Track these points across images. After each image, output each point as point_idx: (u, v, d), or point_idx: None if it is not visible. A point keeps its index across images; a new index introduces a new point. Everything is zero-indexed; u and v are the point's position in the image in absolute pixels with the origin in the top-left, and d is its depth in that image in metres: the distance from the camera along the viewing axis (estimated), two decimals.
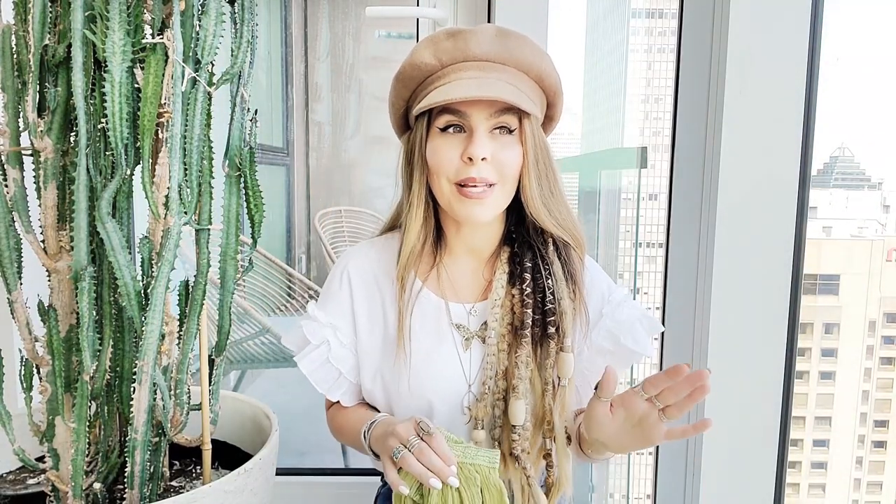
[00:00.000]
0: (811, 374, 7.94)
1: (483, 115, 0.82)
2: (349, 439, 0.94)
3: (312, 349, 0.92)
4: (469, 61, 0.83)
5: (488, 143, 0.82)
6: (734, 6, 1.19)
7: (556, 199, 0.88)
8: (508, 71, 0.84)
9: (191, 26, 0.76)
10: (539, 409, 0.87)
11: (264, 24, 3.14)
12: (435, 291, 0.92)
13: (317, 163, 3.62)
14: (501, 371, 0.87)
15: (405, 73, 0.86)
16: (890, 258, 6.81)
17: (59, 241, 0.80)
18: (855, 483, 8.64)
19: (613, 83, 2.63)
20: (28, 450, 0.84)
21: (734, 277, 1.24)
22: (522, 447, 0.84)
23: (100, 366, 0.80)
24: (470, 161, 0.82)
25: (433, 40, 0.85)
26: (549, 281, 0.87)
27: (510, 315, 0.88)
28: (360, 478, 1.66)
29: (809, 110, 1.21)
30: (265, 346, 1.92)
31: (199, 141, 0.78)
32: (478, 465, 0.76)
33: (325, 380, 0.93)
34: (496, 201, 0.85)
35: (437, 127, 0.84)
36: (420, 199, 0.87)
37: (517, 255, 0.90)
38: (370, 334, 0.93)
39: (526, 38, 0.85)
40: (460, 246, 0.92)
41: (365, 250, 0.96)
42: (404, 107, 0.91)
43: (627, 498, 2.01)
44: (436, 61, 0.84)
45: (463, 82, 0.81)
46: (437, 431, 0.74)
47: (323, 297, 0.96)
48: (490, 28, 0.84)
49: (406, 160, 0.90)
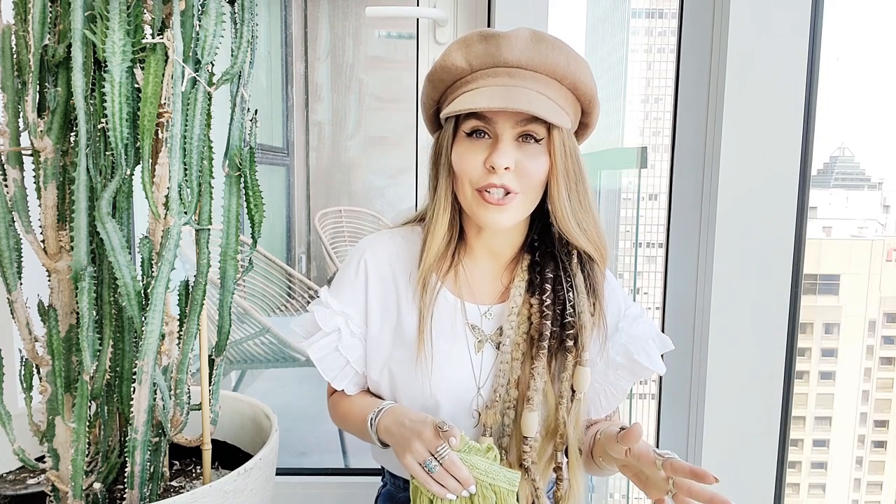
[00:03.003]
0: (811, 374, 7.94)
1: (509, 122, 0.81)
2: (352, 426, 0.94)
3: (322, 336, 0.91)
4: (500, 67, 0.82)
5: (513, 151, 0.82)
6: (734, 6, 1.19)
7: (586, 210, 0.86)
8: (540, 79, 0.82)
9: (191, 26, 0.76)
10: (551, 422, 0.86)
11: (264, 24, 3.15)
12: (452, 290, 0.91)
13: (317, 163, 3.61)
14: (514, 380, 0.86)
15: (435, 74, 0.86)
16: (890, 258, 6.82)
17: (59, 241, 0.80)
18: (855, 483, 8.66)
19: (614, 83, 2.63)
20: (28, 450, 0.84)
21: (734, 277, 1.24)
22: (532, 458, 0.84)
23: (100, 366, 0.80)
24: (492, 169, 0.81)
25: (466, 42, 0.84)
26: (570, 294, 0.86)
27: (527, 324, 0.87)
28: (360, 478, 1.66)
29: (809, 110, 1.21)
30: (265, 346, 1.92)
31: (199, 141, 0.78)
32: (496, 486, 0.76)
33: (332, 367, 0.92)
34: (517, 209, 0.84)
35: (464, 131, 0.84)
36: (446, 202, 0.87)
37: (538, 263, 0.89)
38: (381, 327, 0.92)
39: (562, 44, 0.83)
40: (481, 248, 0.92)
41: (384, 241, 0.95)
42: (435, 107, 0.91)
43: (627, 498, 2.01)
44: (466, 64, 0.83)
45: (490, 90, 0.80)
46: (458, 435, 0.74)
47: (337, 283, 0.95)
48: (525, 33, 0.82)
49: (433, 161, 0.90)
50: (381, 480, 1.07)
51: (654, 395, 1.43)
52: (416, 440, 0.76)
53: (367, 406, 0.89)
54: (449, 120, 0.86)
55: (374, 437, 0.86)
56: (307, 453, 2.05)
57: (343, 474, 1.74)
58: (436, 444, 0.74)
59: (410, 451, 0.76)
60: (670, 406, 1.37)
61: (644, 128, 2.44)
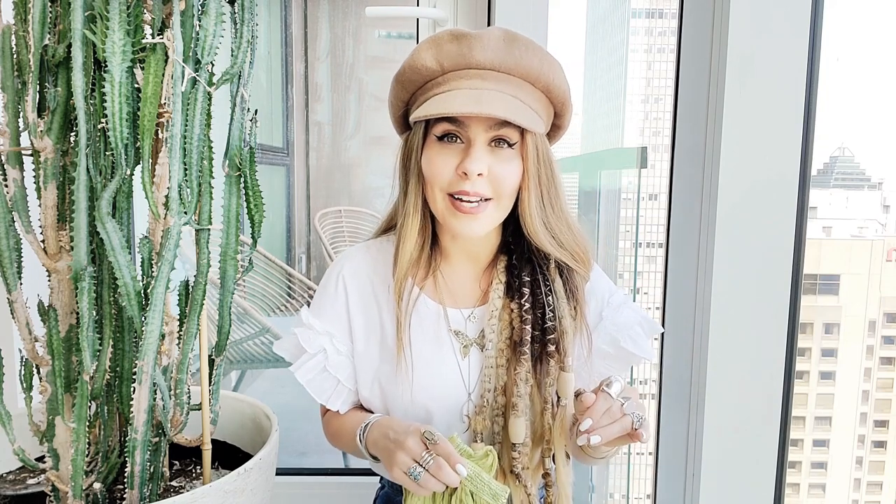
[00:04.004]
0: (811, 374, 7.94)
1: (482, 126, 0.79)
2: (345, 444, 0.92)
3: (309, 358, 0.89)
4: (472, 69, 0.79)
5: (485, 156, 0.79)
6: (734, 6, 1.19)
7: (558, 215, 0.85)
8: (513, 81, 0.80)
9: (191, 26, 0.76)
10: (538, 427, 0.85)
11: (264, 24, 3.14)
12: (432, 297, 0.90)
13: (317, 163, 3.61)
14: (500, 386, 0.85)
15: (405, 74, 0.83)
16: (890, 258, 6.82)
17: (59, 241, 0.80)
18: (855, 483, 8.67)
19: (614, 83, 2.63)
20: (28, 450, 0.84)
21: (734, 277, 1.24)
22: (523, 464, 0.83)
23: (100, 366, 0.80)
24: (465, 175, 0.79)
25: (436, 42, 0.81)
26: (549, 298, 0.84)
27: (509, 329, 0.86)
28: (360, 478, 1.66)
29: (809, 110, 1.21)
30: (265, 346, 1.92)
31: (199, 141, 0.78)
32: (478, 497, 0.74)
33: (323, 389, 0.91)
34: (490, 216, 0.82)
35: (435, 135, 0.82)
36: (416, 208, 0.85)
37: (515, 266, 0.88)
38: (366, 341, 0.91)
39: (534, 46, 0.81)
40: (457, 252, 0.90)
41: (360, 254, 0.94)
42: (403, 108, 0.88)
43: (627, 498, 2.01)
44: (437, 65, 0.80)
45: (462, 93, 0.78)
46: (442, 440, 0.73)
47: (317, 302, 0.93)
48: (497, 33, 0.80)
49: (402, 164, 0.87)
50: (380, 482, 1.07)
51: (654, 395, 1.43)
52: (399, 452, 0.74)
53: (356, 422, 0.88)
54: (418, 123, 0.83)
55: (364, 452, 0.85)
56: (307, 453, 2.05)
57: (342, 474, 1.74)
58: (420, 453, 0.73)
59: (396, 464, 0.74)
60: (670, 406, 1.37)
61: (644, 128, 2.44)
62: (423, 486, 0.73)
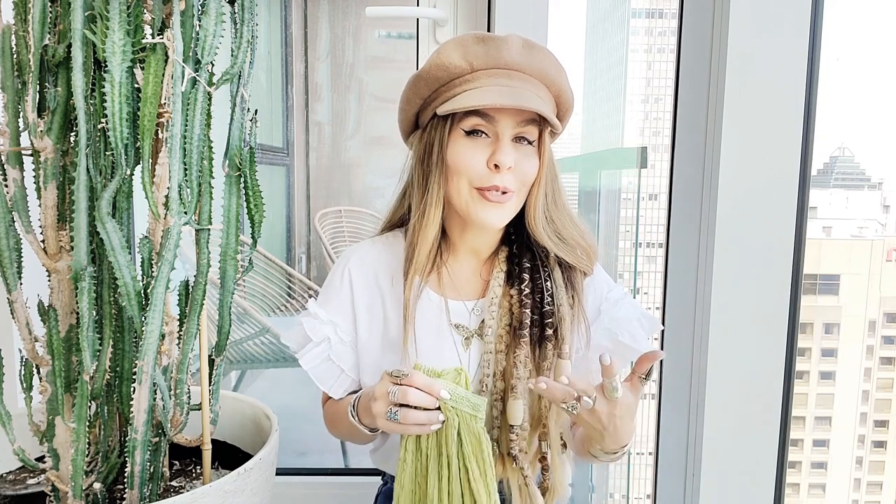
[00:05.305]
0: (811, 374, 7.94)
1: (510, 122, 0.83)
2: (342, 427, 0.94)
3: (313, 346, 0.92)
4: (500, 68, 0.84)
5: (512, 151, 0.83)
6: (734, 6, 1.19)
7: (561, 210, 0.89)
8: (533, 82, 0.85)
9: (191, 26, 0.76)
10: (535, 411, 0.88)
11: (264, 24, 3.14)
12: (435, 290, 0.92)
13: (317, 163, 3.61)
14: (500, 372, 0.87)
15: (430, 72, 0.86)
16: (890, 258, 6.82)
17: (59, 241, 0.80)
18: (855, 483, 8.67)
19: (613, 83, 2.63)
20: (28, 450, 0.84)
21: (734, 277, 1.24)
22: (520, 447, 0.85)
23: (100, 366, 0.80)
24: (496, 168, 0.83)
25: (461, 43, 0.84)
26: (548, 283, 0.88)
27: (508, 316, 0.89)
28: (360, 478, 1.66)
29: (809, 110, 1.21)
30: (265, 346, 1.92)
31: (199, 141, 0.78)
32: (459, 410, 0.77)
33: (326, 377, 0.93)
34: (511, 208, 0.86)
35: (462, 129, 0.85)
36: (439, 202, 0.87)
37: (515, 255, 0.91)
38: (370, 332, 0.93)
39: (549, 52, 0.86)
40: (463, 246, 0.93)
41: (367, 249, 0.97)
42: (419, 105, 0.90)
43: (627, 498, 2.01)
44: (466, 64, 0.84)
45: (495, 89, 0.82)
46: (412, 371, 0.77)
47: (323, 294, 0.96)
48: (517, 38, 0.85)
49: (420, 160, 0.89)
50: (382, 479, 1.07)
51: (654, 395, 1.43)
52: (376, 401, 0.78)
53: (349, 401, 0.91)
54: (441, 118, 0.86)
55: (357, 425, 0.87)
56: (307, 453, 2.05)
57: (343, 474, 1.74)
58: (387, 390, 0.77)
59: (377, 414, 0.78)
60: (670, 406, 1.37)
61: (644, 128, 2.45)
62: (404, 423, 0.76)
